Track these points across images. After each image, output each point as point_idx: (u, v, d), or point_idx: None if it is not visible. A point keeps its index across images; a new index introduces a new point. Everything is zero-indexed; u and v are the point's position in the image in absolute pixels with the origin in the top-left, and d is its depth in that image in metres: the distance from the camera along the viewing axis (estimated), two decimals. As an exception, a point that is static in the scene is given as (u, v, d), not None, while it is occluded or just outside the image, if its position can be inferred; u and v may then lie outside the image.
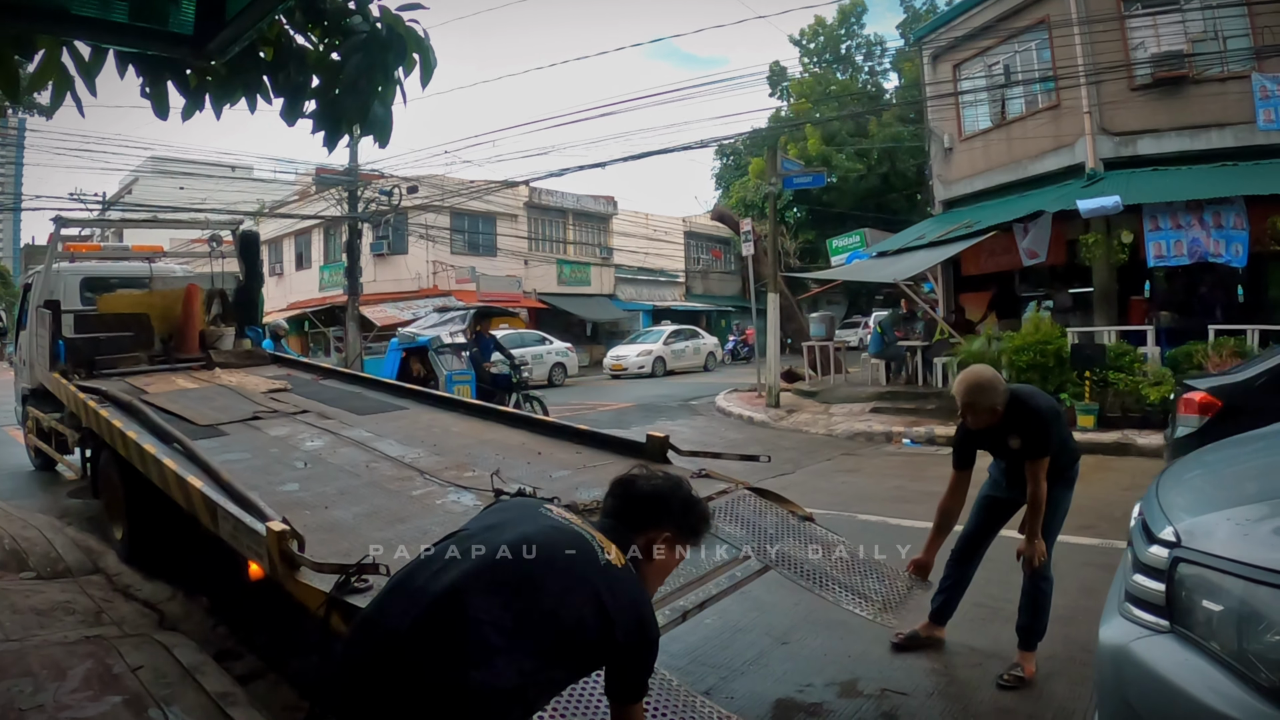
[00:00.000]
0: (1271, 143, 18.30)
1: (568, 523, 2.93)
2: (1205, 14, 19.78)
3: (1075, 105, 20.72)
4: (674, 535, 3.05)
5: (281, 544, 4.16)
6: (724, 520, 5.35)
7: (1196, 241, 17.28)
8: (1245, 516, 2.99)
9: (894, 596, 5.24)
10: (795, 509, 5.79)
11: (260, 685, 5.60)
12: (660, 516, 3.05)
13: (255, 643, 6.31)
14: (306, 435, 7.55)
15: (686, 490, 3.19)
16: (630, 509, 3.07)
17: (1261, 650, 2.57)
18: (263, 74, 4.51)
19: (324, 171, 32.37)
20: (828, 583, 5.06)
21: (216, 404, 8.80)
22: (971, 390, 5.58)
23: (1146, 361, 16.24)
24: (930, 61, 26.24)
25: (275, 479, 6.11)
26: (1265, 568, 2.63)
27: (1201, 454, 4.59)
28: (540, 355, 33.33)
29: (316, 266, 44.59)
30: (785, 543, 5.34)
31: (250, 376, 10.50)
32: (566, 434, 7.55)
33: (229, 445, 7.16)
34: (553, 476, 6.11)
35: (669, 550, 3.06)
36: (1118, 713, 3.11)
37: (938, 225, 24.04)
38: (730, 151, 56.02)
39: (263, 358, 11.95)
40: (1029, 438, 5.65)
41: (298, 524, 4.45)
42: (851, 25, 52.81)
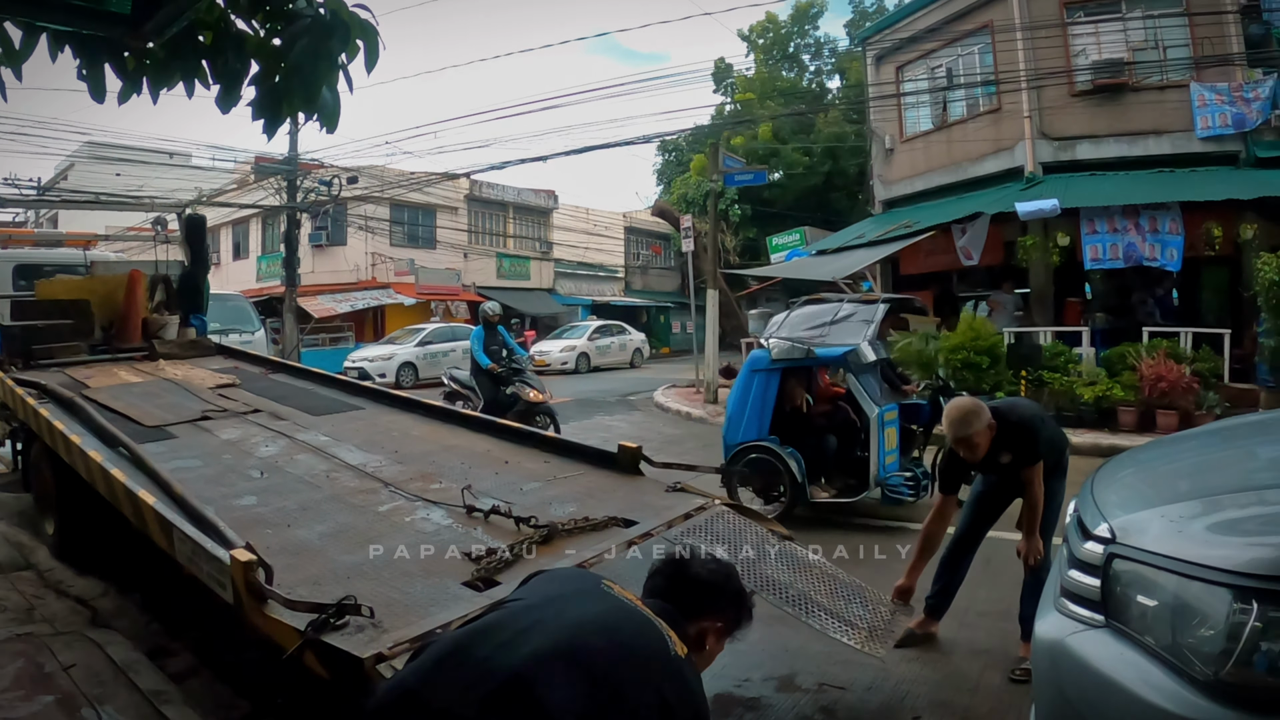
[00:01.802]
0: (1208, 150, 18.68)
1: (634, 605, 2.72)
2: (1146, 23, 20.08)
3: (1016, 109, 20.96)
4: (725, 626, 2.95)
5: (248, 575, 3.87)
6: (702, 539, 5.16)
7: (1132, 245, 17.53)
8: (1178, 513, 3.02)
9: (879, 623, 5.18)
10: (775, 528, 5.66)
11: (195, 682, 5.49)
12: (715, 606, 2.95)
13: (189, 639, 6.17)
14: (260, 439, 7.23)
15: (738, 580, 3.10)
16: (685, 594, 2.92)
17: (1195, 644, 2.60)
18: (201, 58, 4.43)
19: (263, 160, 32.06)
20: (813, 609, 4.96)
21: (163, 401, 8.36)
22: (962, 423, 5.58)
23: (1081, 362, 16.44)
24: (874, 63, 26.44)
25: (230, 491, 5.78)
26: (1198, 563, 2.66)
27: (1135, 453, 4.64)
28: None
29: (254, 257, 44.18)
30: (767, 565, 5.17)
31: (196, 369, 10.10)
32: (533, 440, 7.32)
33: (178, 450, 6.76)
34: (523, 489, 5.89)
35: (717, 641, 2.96)
36: (1055, 706, 3.14)
37: (877, 225, 24.23)
38: (673, 148, 55.94)
39: (207, 348, 11.48)
40: (1019, 450, 5.71)
41: (259, 545, 4.22)
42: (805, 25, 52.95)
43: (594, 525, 4.95)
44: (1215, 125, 18.51)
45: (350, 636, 3.48)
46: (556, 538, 4.72)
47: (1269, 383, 15.06)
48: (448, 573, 4.29)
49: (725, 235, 42.29)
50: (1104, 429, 14.87)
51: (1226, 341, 16.02)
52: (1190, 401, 14.49)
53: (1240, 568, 2.53)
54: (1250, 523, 2.90)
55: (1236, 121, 18.31)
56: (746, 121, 45.32)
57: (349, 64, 4.45)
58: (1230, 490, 3.36)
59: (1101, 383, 15.20)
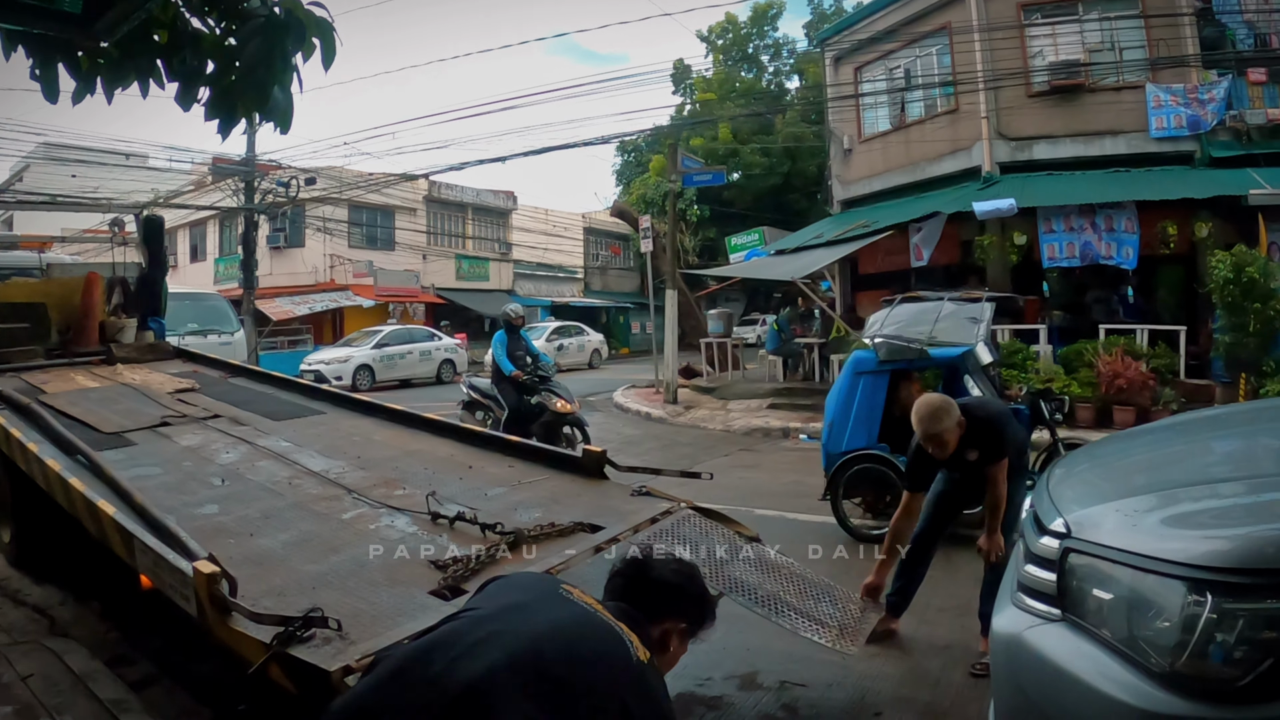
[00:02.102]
0: (1163, 150, 18.89)
1: (593, 611, 2.67)
2: (1103, 25, 20.29)
3: (973, 110, 21.09)
4: (688, 627, 2.90)
5: (211, 587, 3.77)
6: (670, 543, 5.11)
7: (1089, 244, 17.72)
8: (1133, 507, 3.03)
9: (850, 621, 5.16)
10: (741, 529, 5.65)
11: (155, 691, 5.42)
12: (678, 607, 2.90)
13: (149, 647, 6.07)
14: (221, 445, 7.08)
15: (700, 580, 3.07)
16: (647, 596, 2.86)
17: (1150, 636, 2.61)
18: (156, 58, 4.40)
19: (220, 161, 31.84)
20: (783, 609, 4.94)
21: (121, 407, 8.16)
22: (933, 419, 5.60)
23: (1039, 359, 16.54)
24: (832, 64, 26.53)
25: (191, 499, 5.64)
26: (1152, 556, 2.67)
27: (1092, 448, 4.67)
28: (429, 352, 32.78)
29: (211, 259, 43.97)
30: (735, 566, 5.17)
31: (154, 374, 9.86)
32: (496, 445, 7.26)
33: (137, 457, 6.60)
34: (488, 495, 5.84)
35: (680, 642, 2.90)
36: (1013, 700, 3.15)
37: (836, 224, 24.30)
38: (632, 148, 55.95)
39: (166, 351, 11.19)
40: (986, 447, 5.75)
41: (222, 555, 4.07)
42: (764, 26, 53.10)
43: (560, 531, 4.92)
44: (1170, 126, 18.73)
45: (317, 649, 3.44)
46: (523, 544, 4.70)
47: (1224, 378, 15.20)
48: (414, 581, 4.24)
49: (684, 235, 42.34)
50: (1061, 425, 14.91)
51: (1182, 338, 16.21)
52: (1147, 398, 14.63)
53: (1194, 560, 2.55)
54: (1204, 515, 2.93)
55: (1191, 123, 18.54)
56: (706, 122, 45.40)
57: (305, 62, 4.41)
58: (1185, 484, 3.39)
59: (1059, 380, 15.30)
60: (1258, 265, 14.39)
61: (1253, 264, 14.35)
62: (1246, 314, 14.38)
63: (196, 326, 20.66)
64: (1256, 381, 14.08)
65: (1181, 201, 16.96)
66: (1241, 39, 19.35)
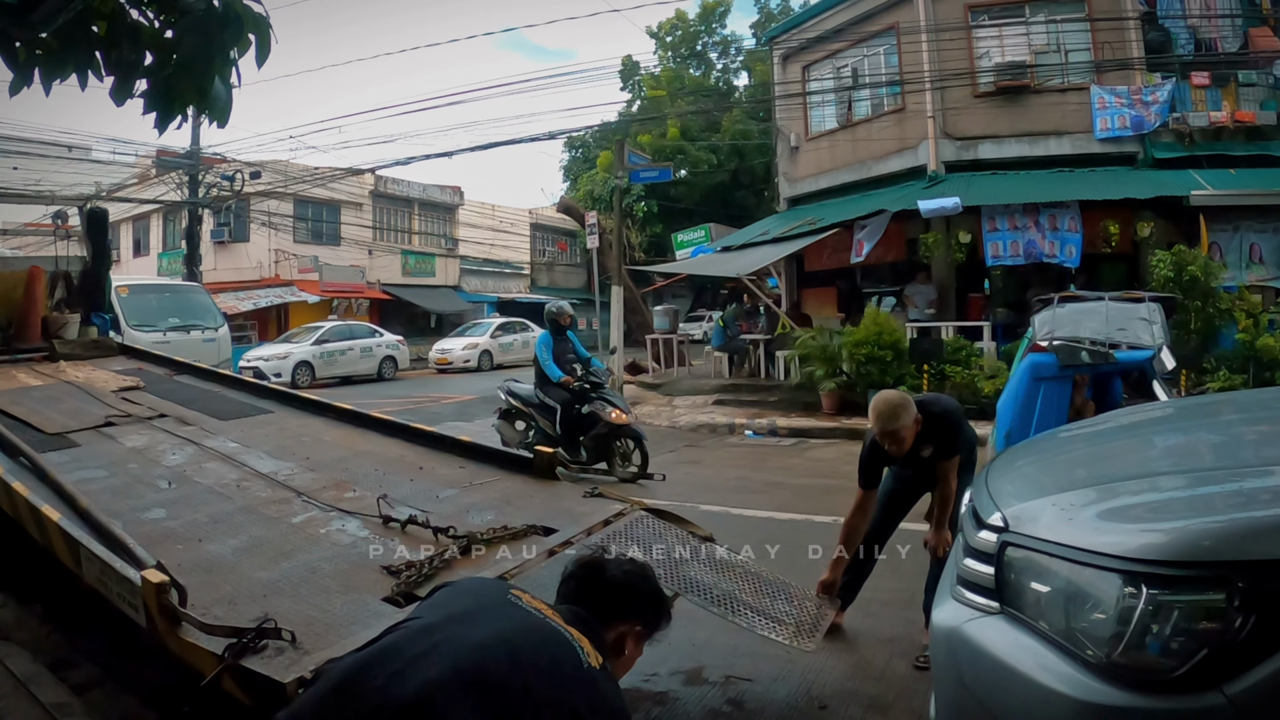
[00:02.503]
0: (1107, 151, 19.17)
1: (544, 617, 2.60)
2: (1049, 27, 20.54)
3: (920, 109, 21.23)
4: (643, 629, 2.86)
5: (161, 597, 3.65)
6: (625, 546, 5.02)
7: (1032, 243, 17.90)
8: (1070, 501, 3.06)
9: (806, 618, 5.15)
10: (694, 529, 5.61)
11: (98, 694, 5.32)
12: (632, 609, 2.86)
13: (92, 650, 5.91)
14: (167, 446, 6.90)
15: (654, 580, 3.05)
16: (600, 599, 2.81)
17: (1087, 628, 2.63)
18: (95, 49, 4.35)
19: (165, 154, 31.49)
20: (739, 608, 4.91)
21: (64, 406, 7.98)
22: (891, 416, 5.55)
23: (983, 356, 16.74)
24: (781, 62, 26.57)
25: (138, 503, 5.47)
26: (1088, 549, 2.70)
27: (1032, 442, 4.71)
28: (370, 349, 32.46)
29: (155, 254, 43.39)
30: (690, 566, 5.11)
31: (98, 371, 9.62)
32: (446, 445, 7.08)
33: (82, 459, 6.42)
34: (440, 496, 5.73)
35: (636, 645, 2.86)
36: (954, 692, 3.17)
37: (782, 222, 24.33)
38: (579, 144, 55.84)
39: (110, 348, 10.90)
40: (941, 442, 5.77)
41: (171, 562, 4.02)
42: (711, 23, 53.17)
43: (514, 534, 4.86)
44: (1114, 127, 18.98)
45: (270, 660, 3.37)
46: (475, 547, 4.65)
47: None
48: (367, 588, 4.18)
49: (631, 232, 42.37)
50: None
51: (1124, 336, 16.30)
52: (1088, 394, 14.76)
53: (1129, 553, 2.57)
54: (1141, 509, 2.95)
55: (1135, 124, 18.80)
56: (654, 119, 45.42)
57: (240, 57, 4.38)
58: (1124, 478, 3.42)
59: (1002, 376, 15.40)
60: (1198, 264, 14.57)
61: (1193, 263, 14.53)
62: (1187, 311, 14.56)
63: (178, 321, 20.14)
64: (1196, 378, 14.25)
65: (1124, 201, 17.18)
66: (1184, 43, 19.60)
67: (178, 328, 19.40)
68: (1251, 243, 17.46)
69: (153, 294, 21.24)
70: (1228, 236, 17.32)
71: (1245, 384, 13.64)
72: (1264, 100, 19.00)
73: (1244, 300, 14.95)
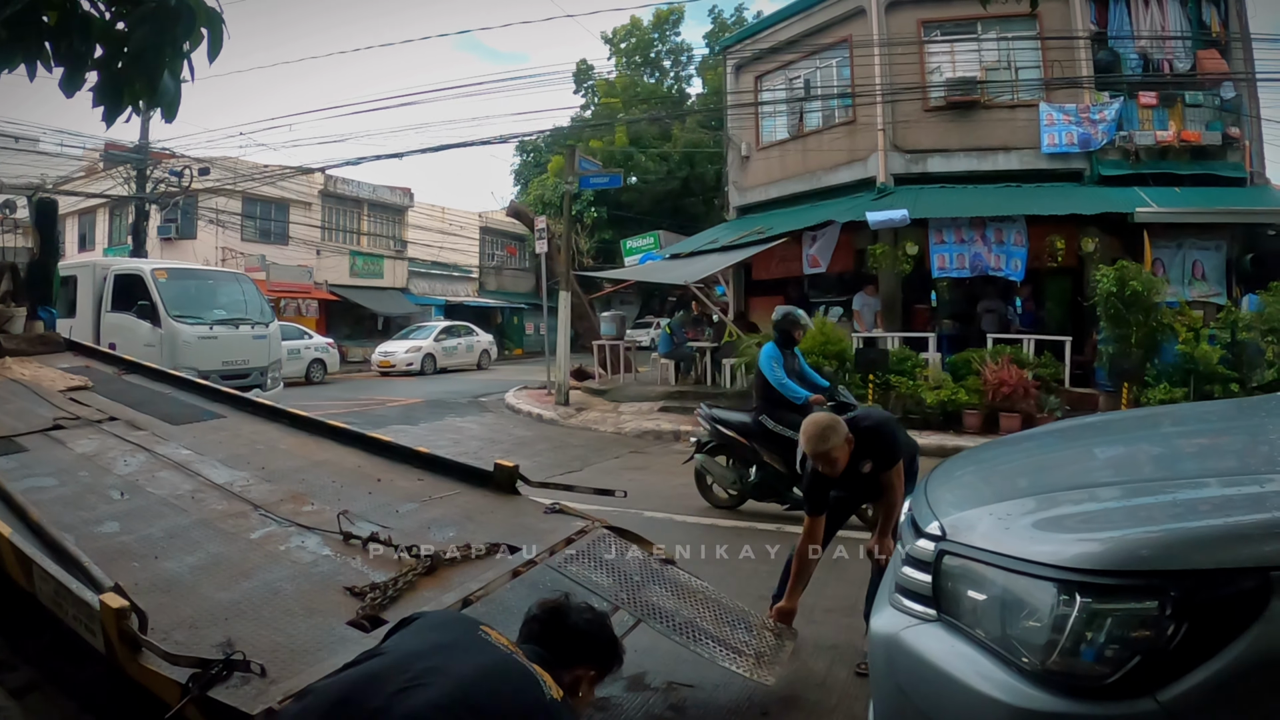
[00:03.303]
0: (1054, 167, 19.44)
1: (512, 655, 2.75)
2: (1000, 44, 20.77)
3: (870, 122, 21.40)
4: (598, 674, 2.99)
5: (121, 623, 3.53)
6: (587, 566, 5.12)
7: (979, 256, 18.08)
8: (1007, 511, 3.09)
9: (766, 649, 5.14)
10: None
11: (37, 698, 5.21)
12: (590, 654, 3.01)
13: (29, 653, 5.73)
14: (119, 452, 6.69)
15: (610, 629, 3.19)
16: (561, 643, 2.97)
17: (1022, 635, 2.66)
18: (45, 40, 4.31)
19: (113, 148, 31.18)
20: (700, 636, 4.90)
21: (10, 407, 7.72)
22: (820, 438, 5.54)
23: (928, 366, 16.88)
24: (734, 71, 26.76)
25: (90, 515, 5.27)
26: (1022, 558, 2.73)
27: (974, 452, 4.74)
28: (298, 351, 31.28)
29: (100, 249, 42.69)
30: (651, 590, 5.17)
31: (45, 369, 9.30)
32: (403, 455, 6.97)
33: (31, 466, 6.15)
34: (399, 511, 5.66)
35: (590, 688, 3.00)
36: (892, 699, 3.19)
37: (731, 230, 24.48)
38: (531, 148, 55.82)
39: (56, 343, 10.60)
40: (879, 455, 5.79)
41: (127, 581, 3.90)
42: (665, 30, 53.25)
43: (478, 553, 4.84)
44: (1062, 143, 19.25)
45: (237, 690, 3.32)
46: (440, 568, 4.61)
47: (1107, 387, 15.63)
48: (331, 610, 4.12)
49: (580, 237, 42.28)
50: (949, 431, 15.29)
51: (1068, 348, 16.61)
52: (1032, 405, 15.04)
53: (1064, 562, 2.60)
54: (1076, 519, 2.98)
55: (1082, 141, 19.07)
56: (607, 124, 45.42)
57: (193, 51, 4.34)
58: (1064, 488, 3.45)
59: (947, 387, 15.64)
60: (1141, 279, 14.75)
61: (1136, 278, 14.71)
62: (1129, 325, 14.79)
63: (224, 314, 18.26)
64: (1138, 390, 14.46)
65: (1070, 217, 17.39)
66: (1133, 64, 19.83)
67: (225, 321, 17.93)
68: (1194, 260, 17.69)
69: (193, 281, 19.12)
70: (1171, 253, 17.54)
71: (1186, 396, 13.86)
72: (1210, 121, 19.27)
73: (1185, 315, 15.17)
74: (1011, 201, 18.73)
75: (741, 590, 6.33)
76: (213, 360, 15.27)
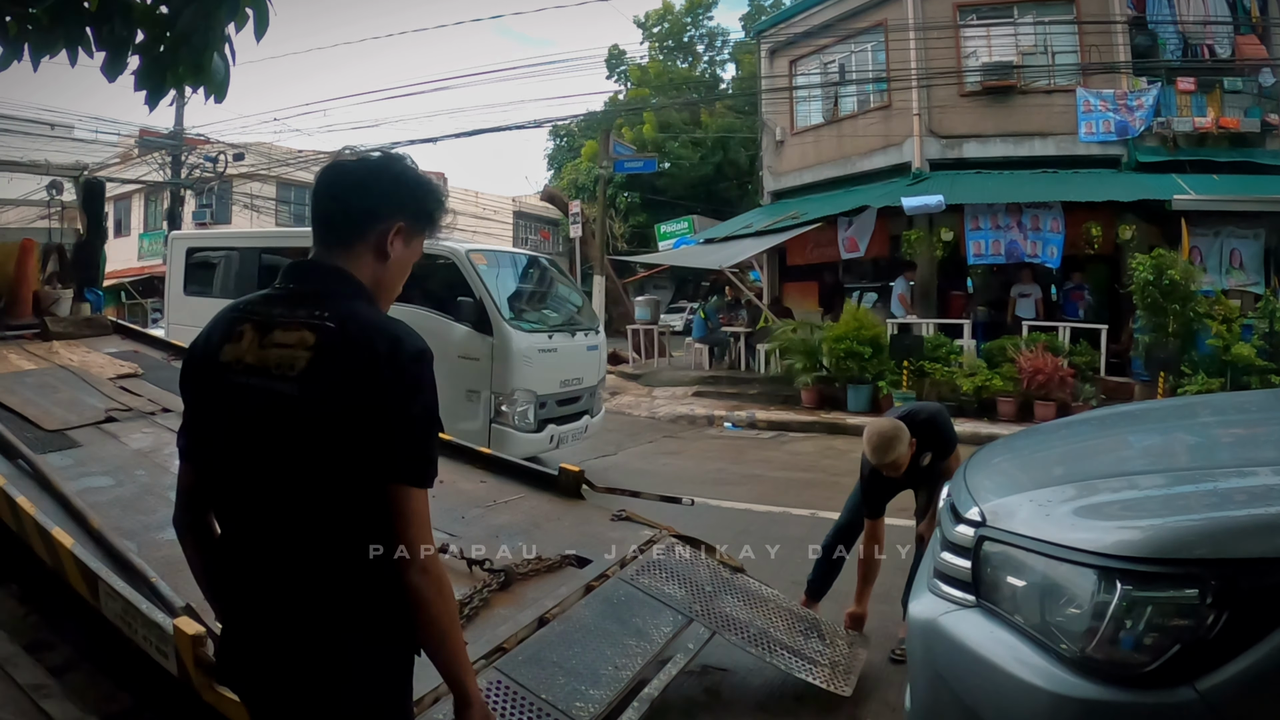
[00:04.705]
0: (1091, 154, 19.19)
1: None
2: (1037, 28, 20.56)
3: (906, 107, 21.24)
4: (407, 224, 2.37)
5: (197, 650, 3.39)
6: (659, 577, 5.08)
7: (1014, 243, 17.97)
8: (1047, 498, 3.09)
9: (840, 659, 5.11)
10: (725, 559, 5.61)
11: (75, 676, 5.26)
12: (385, 204, 2.34)
13: (69, 632, 5.82)
14: (174, 449, 6.36)
15: (397, 166, 2.45)
16: (345, 219, 2.33)
17: (1062, 622, 2.65)
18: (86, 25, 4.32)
19: (147, 134, 31.27)
20: (774, 647, 4.91)
21: (61, 396, 7.57)
22: (887, 449, 5.56)
23: (963, 353, 16.81)
24: (768, 55, 26.58)
25: (150, 520, 5.12)
26: (1063, 545, 2.72)
27: (1010, 439, 4.72)
28: None
29: (136, 234, 43.04)
30: (723, 600, 5.13)
31: (93, 354, 9.13)
32: (466, 455, 6.91)
33: (86, 463, 6.06)
34: (465, 517, 5.64)
35: (402, 241, 2.37)
36: (930, 684, 3.19)
37: (765, 215, 24.40)
38: (564, 133, 55.57)
39: (103, 327, 10.43)
40: (938, 446, 5.83)
41: (196, 599, 3.45)
42: (698, 14, 53.01)
43: (549, 566, 4.84)
44: (1099, 132, 19.06)
45: None
46: (514, 583, 4.60)
47: (1143, 376, 15.49)
48: None
49: (614, 222, 42.15)
50: (984, 418, 15.20)
51: (1103, 336, 16.49)
52: (1067, 393, 14.90)
53: (1105, 549, 2.59)
54: (1117, 506, 2.97)
55: (1119, 129, 18.86)
56: (640, 108, 45.24)
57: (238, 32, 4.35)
58: (1100, 476, 3.44)
59: (981, 374, 15.56)
60: (1179, 268, 14.65)
61: (1174, 267, 14.61)
62: (1166, 315, 14.68)
63: (557, 320, 12.25)
64: (1174, 380, 14.35)
65: (1107, 204, 17.25)
66: (1172, 49, 19.64)
67: (561, 328, 12.01)
68: (1232, 248, 17.51)
69: (510, 268, 12.57)
70: (1208, 241, 17.38)
71: (1222, 387, 13.72)
72: (1249, 107, 19.02)
73: (1221, 305, 15.05)
74: (1048, 188, 18.61)
75: (774, 574, 6.33)
76: (550, 381, 11.11)
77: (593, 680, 4.01)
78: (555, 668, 4.01)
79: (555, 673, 3.97)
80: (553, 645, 4.18)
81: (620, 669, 4.14)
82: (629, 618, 4.62)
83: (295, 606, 2.15)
